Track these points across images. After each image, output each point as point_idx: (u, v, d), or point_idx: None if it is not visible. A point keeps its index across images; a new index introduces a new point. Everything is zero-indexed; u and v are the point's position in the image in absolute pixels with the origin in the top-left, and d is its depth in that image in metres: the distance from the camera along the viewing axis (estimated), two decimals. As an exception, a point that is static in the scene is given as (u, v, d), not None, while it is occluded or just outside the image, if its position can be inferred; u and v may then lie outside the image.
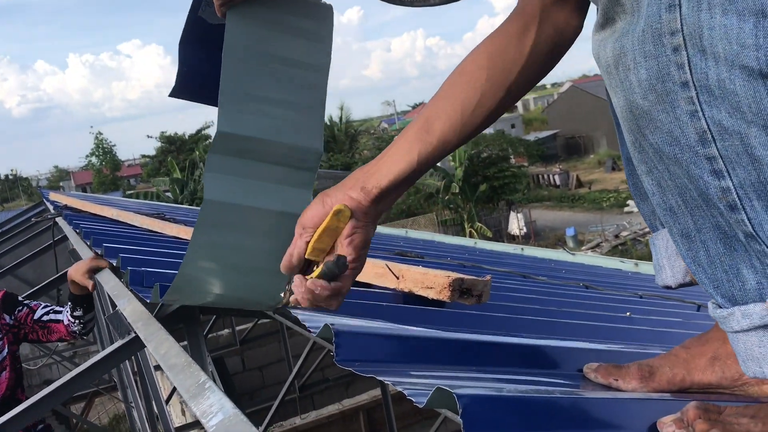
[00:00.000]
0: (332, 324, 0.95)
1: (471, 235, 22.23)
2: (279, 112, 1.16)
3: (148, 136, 43.10)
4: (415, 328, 1.29)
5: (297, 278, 0.97)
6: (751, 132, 0.60)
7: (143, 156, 50.23)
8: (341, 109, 35.94)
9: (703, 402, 0.75)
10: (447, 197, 25.00)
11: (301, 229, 0.99)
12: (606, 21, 0.72)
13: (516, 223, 26.15)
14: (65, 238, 4.09)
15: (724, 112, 0.61)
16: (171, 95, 1.47)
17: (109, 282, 2.30)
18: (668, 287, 1.00)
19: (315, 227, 0.97)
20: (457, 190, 24.46)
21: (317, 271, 0.97)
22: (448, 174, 25.33)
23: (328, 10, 1.24)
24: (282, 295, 1.07)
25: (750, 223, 0.63)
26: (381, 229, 8.56)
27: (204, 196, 1.11)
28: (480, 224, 24.25)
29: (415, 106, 74.09)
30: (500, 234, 25.68)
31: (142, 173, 56.10)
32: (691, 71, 0.62)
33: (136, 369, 4.49)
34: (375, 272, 1.77)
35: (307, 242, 0.98)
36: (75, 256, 4.05)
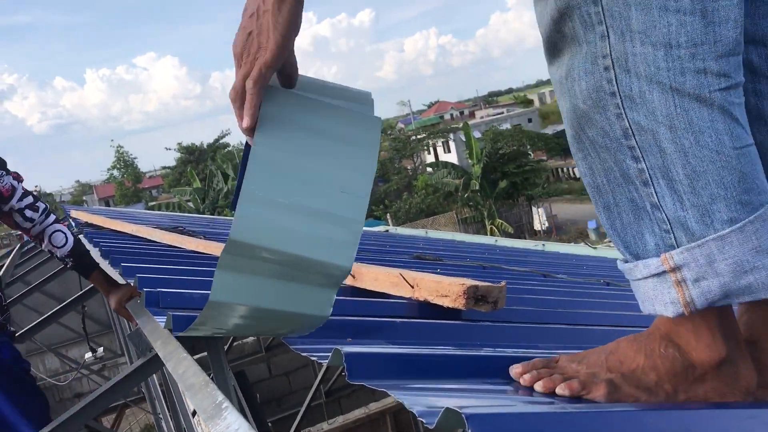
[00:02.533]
0: (342, 348, 0.95)
1: (492, 232, 22.14)
2: (308, 223, 0.97)
3: (167, 149, 43.37)
4: (427, 345, 1.29)
5: None
6: (660, 130, 0.82)
7: (163, 167, 50.62)
8: None
9: (544, 357, 1.01)
10: (466, 195, 24.93)
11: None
12: (552, 47, 0.91)
13: (538, 218, 26.03)
14: (88, 254, 4.14)
15: (642, 115, 0.83)
16: (230, 208, 1.34)
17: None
18: None
19: None
20: (477, 188, 24.38)
21: None
22: (466, 172, 25.26)
23: (376, 122, 1.06)
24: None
25: (656, 195, 0.85)
26: (401, 231, 8.56)
27: (210, 296, 0.98)
28: (501, 220, 24.15)
29: (430, 105, 73.89)
30: (521, 229, 25.56)
31: (163, 184, 56.58)
32: (617, 85, 0.83)
33: (162, 381, 4.53)
34: (390, 281, 1.77)
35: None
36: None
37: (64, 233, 2.52)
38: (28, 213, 2.44)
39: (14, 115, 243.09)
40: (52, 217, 2.51)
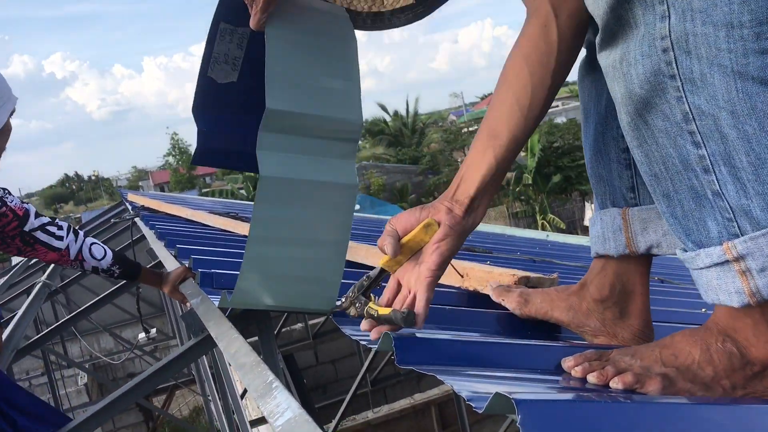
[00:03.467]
0: (392, 333, 0.96)
1: (543, 228, 21.85)
2: (320, 89, 1.28)
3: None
4: (476, 334, 1.28)
5: (365, 323, 1.09)
6: (722, 115, 0.78)
7: (217, 154, 51.11)
8: (414, 102, 35.85)
9: (597, 350, 1.00)
10: (518, 189, 24.67)
11: (390, 227, 1.11)
12: (608, 35, 0.88)
13: (590, 214, 25.61)
14: (143, 237, 4.24)
15: (703, 98, 0.79)
16: (193, 163, 1.62)
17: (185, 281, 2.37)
18: (609, 256, 1.24)
19: (403, 231, 1.09)
20: (530, 182, 24.09)
21: (385, 309, 1.05)
22: (519, 165, 24.97)
23: (341, 10, 1.37)
24: (340, 302, 1.16)
25: (718, 183, 0.82)
26: (450, 223, 8.51)
27: (260, 172, 1.20)
28: (553, 216, 23.84)
29: (483, 97, 73.05)
30: (574, 225, 25.17)
31: (216, 171, 57.43)
32: (677, 67, 0.80)
33: (212, 364, 4.62)
34: (440, 270, 1.77)
35: (395, 238, 1.09)
36: (152, 255, 4.19)
37: (99, 244, 2.45)
38: (52, 228, 2.32)
39: (75, 101, 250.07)
40: (82, 233, 2.43)
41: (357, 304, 1.12)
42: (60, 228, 2.36)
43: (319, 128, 1.27)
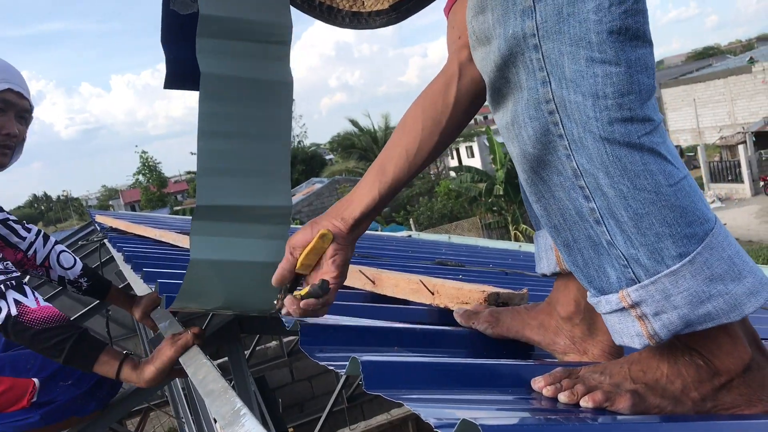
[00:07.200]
0: (360, 357, 0.94)
1: (516, 238, 21.99)
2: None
3: (192, 153, 43.72)
4: (447, 353, 1.27)
5: (288, 300, 1.18)
6: (599, 175, 0.85)
7: (188, 172, 50.93)
8: (384, 116, 35.99)
9: (566, 368, 1.01)
10: (490, 200, 24.81)
11: (290, 249, 1.20)
12: (496, 93, 0.93)
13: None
14: (113, 258, 4.17)
15: (584, 158, 0.86)
16: (165, 87, 1.70)
17: (152, 304, 2.32)
18: (544, 275, 1.30)
19: (303, 247, 1.19)
20: (501, 193, 24.25)
21: (305, 290, 1.18)
22: (489, 177, 25.13)
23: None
24: (275, 302, 1.23)
25: (609, 234, 0.87)
26: (424, 236, 8.54)
27: (200, 70, 1.32)
28: (525, 225, 24.00)
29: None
30: (546, 235, 25.27)
31: (188, 188, 57.03)
32: (563, 128, 0.86)
33: (184, 385, 4.55)
34: (410, 288, 1.76)
35: (297, 259, 1.19)
36: (121, 278, 4.13)
37: (70, 253, 2.35)
38: (16, 225, 2.19)
39: (43, 120, 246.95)
40: (53, 239, 2.32)
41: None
42: (27, 230, 2.24)
43: (251, 31, 1.39)
